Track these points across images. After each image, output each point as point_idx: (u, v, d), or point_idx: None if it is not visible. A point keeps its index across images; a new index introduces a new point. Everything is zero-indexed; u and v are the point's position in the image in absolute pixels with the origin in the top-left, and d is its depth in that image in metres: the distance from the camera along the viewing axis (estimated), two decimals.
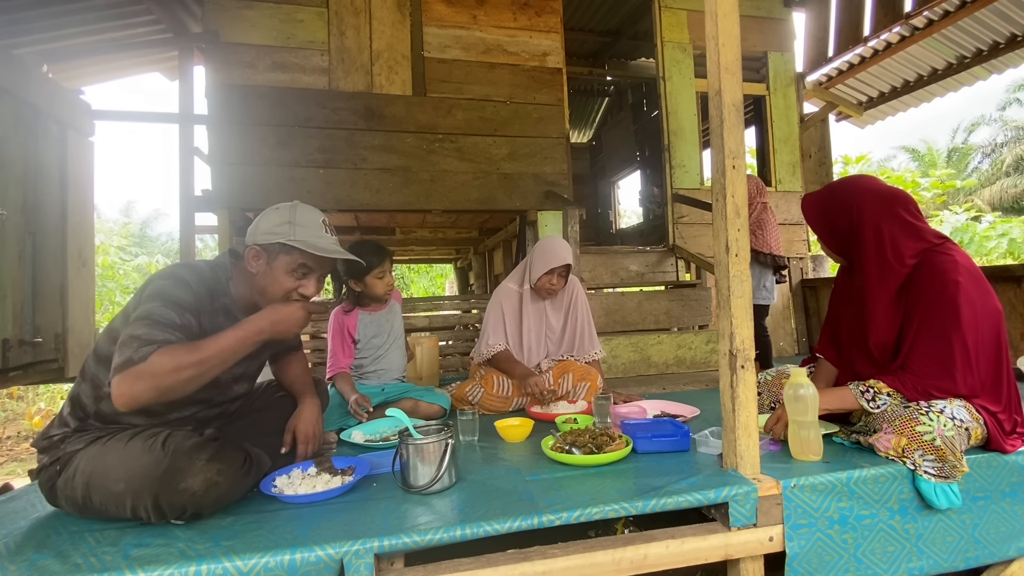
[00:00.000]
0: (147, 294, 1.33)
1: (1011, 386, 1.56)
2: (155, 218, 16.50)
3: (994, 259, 10.41)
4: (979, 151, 18.60)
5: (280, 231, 1.44)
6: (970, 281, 1.51)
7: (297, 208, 1.50)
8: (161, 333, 1.26)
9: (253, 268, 1.46)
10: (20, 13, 3.18)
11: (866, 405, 1.54)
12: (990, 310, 1.53)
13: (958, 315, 1.47)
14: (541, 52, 4.10)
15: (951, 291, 1.49)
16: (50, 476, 1.34)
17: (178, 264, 1.45)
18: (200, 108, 3.56)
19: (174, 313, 1.31)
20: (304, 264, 1.47)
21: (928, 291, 1.53)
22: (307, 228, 1.46)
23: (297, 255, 1.46)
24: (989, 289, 1.56)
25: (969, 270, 1.54)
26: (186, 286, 1.36)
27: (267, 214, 1.49)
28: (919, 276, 1.57)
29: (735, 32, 1.42)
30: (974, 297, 1.50)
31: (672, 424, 1.83)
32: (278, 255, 1.45)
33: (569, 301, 2.56)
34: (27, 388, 6.39)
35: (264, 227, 1.46)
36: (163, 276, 1.38)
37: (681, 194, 4.70)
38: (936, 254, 1.57)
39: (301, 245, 1.44)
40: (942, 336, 1.49)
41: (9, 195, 2.66)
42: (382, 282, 2.31)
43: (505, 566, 1.19)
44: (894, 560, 1.40)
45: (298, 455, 1.61)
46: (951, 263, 1.53)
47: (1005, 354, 1.55)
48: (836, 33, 5.14)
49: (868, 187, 1.67)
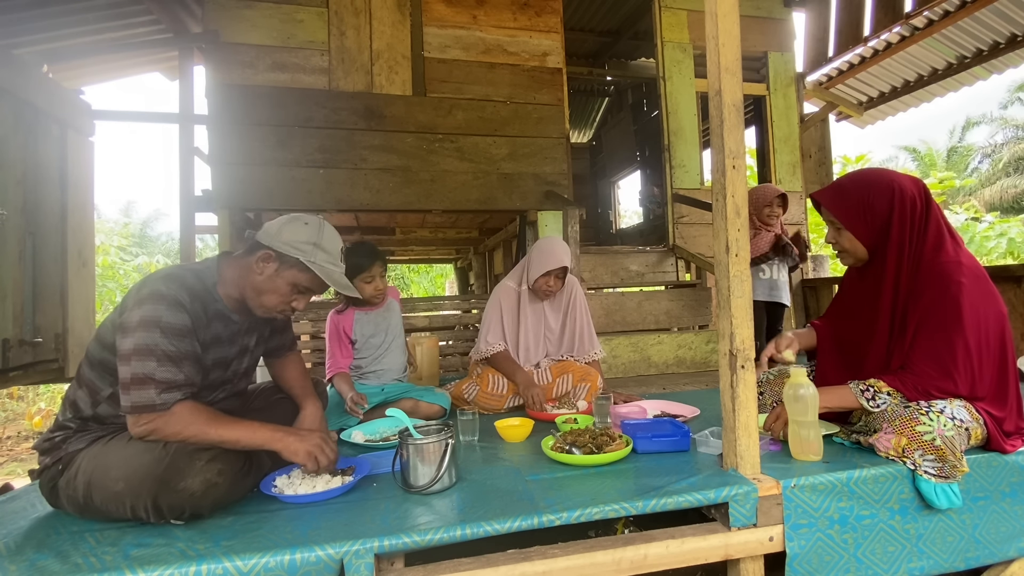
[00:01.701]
0: (143, 319, 1.28)
1: (1016, 391, 1.55)
2: (155, 218, 16.51)
3: (994, 259, 10.41)
4: (979, 151, 18.61)
5: (304, 249, 1.43)
6: (974, 283, 1.50)
7: (324, 229, 1.49)
8: (173, 373, 1.30)
9: (259, 270, 1.45)
10: (20, 13, 3.18)
11: (866, 404, 1.54)
12: (994, 313, 1.51)
13: (960, 316, 1.46)
14: (541, 52, 4.10)
15: (953, 292, 1.48)
16: (52, 476, 1.35)
17: (164, 278, 1.36)
18: (200, 108, 3.56)
19: (178, 344, 1.31)
20: (307, 286, 1.48)
21: (929, 291, 1.52)
22: (329, 255, 1.47)
23: (310, 277, 1.46)
24: (993, 291, 1.54)
25: (974, 272, 1.52)
26: (180, 308, 1.33)
27: (294, 225, 1.46)
28: (921, 276, 1.56)
29: (735, 32, 1.42)
30: (977, 299, 1.48)
31: (672, 424, 1.83)
32: (291, 269, 1.44)
33: (568, 301, 2.55)
34: (27, 388, 6.39)
35: (288, 237, 1.44)
36: (154, 298, 1.31)
37: (681, 194, 4.70)
38: (942, 254, 1.55)
39: (318, 271, 1.44)
40: (943, 337, 1.48)
41: (9, 195, 2.66)
42: (369, 286, 2.27)
43: (505, 566, 1.19)
44: (895, 560, 1.40)
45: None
46: (955, 264, 1.51)
47: (1011, 358, 1.54)
48: (836, 33, 5.13)
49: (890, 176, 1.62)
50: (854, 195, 1.62)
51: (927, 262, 1.56)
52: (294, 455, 1.42)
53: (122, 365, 1.28)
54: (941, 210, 1.61)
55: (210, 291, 1.44)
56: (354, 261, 2.24)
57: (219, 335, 1.46)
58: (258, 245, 1.46)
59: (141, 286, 1.36)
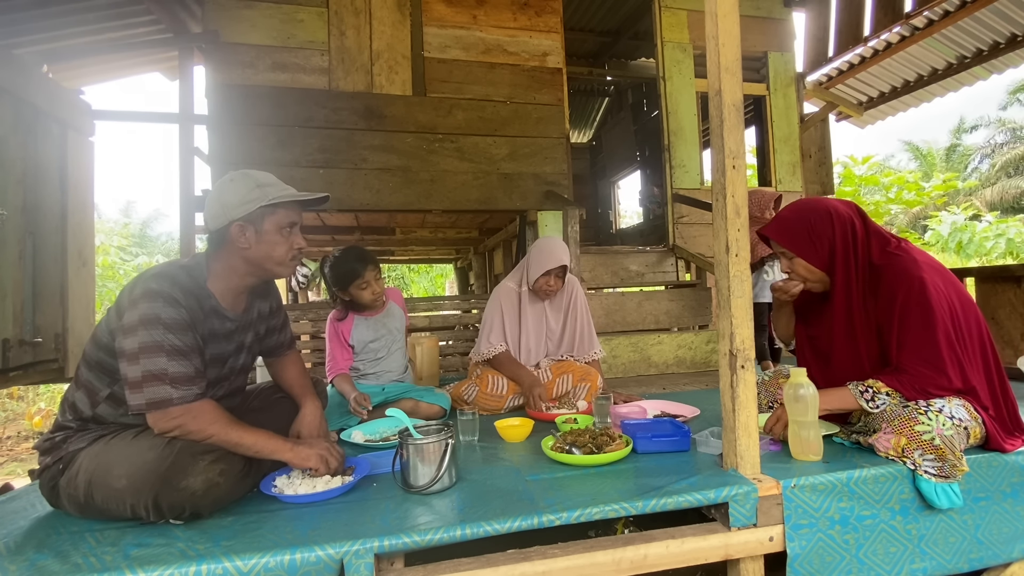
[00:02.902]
0: (143, 317, 1.28)
1: (1002, 380, 1.58)
2: (155, 218, 16.54)
3: (993, 259, 10.41)
4: (978, 151, 18.63)
5: (254, 196, 1.42)
6: (933, 275, 1.54)
7: (250, 173, 1.47)
8: (185, 366, 1.31)
9: (243, 243, 1.43)
10: (20, 13, 3.19)
11: (865, 405, 1.54)
12: (961, 302, 1.56)
13: (931, 309, 1.49)
14: (541, 52, 4.10)
15: (918, 287, 1.51)
16: (52, 475, 1.34)
17: (155, 276, 1.35)
18: (200, 108, 3.56)
19: (183, 339, 1.32)
20: (290, 219, 1.47)
21: (898, 293, 1.55)
22: (273, 186, 1.46)
23: (281, 212, 1.45)
24: (953, 279, 1.61)
25: (931, 265, 1.58)
26: (176, 305, 1.33)
27: (227, 189, 1.43)
28: (885, 280, 1.59)
29: (735, 32, 1.42)
30: (940, 289, 1.53)
31: (672, 424, 1.83)
32: (263, 219, 1.43)
33: (568, 301, 2.55)
34: (27, 388, 6.39)
35: (234, 200, 1.41)
36: (149, 296, 1.30)
37: (681, 194, 4.71)
38: (895, 256, 1.60)
39: (283, 200, 1.43)
40: (924, 333, 1.50)
41: (9, 195, 2.66)
42: (366, 292, 2.24)
43: (505, 566, 1.19)
44: (896, 561, 1.40)
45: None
46: (911, 262, 1.56)
47: (990, 347, 1.58)
48: (836, 33, 5.14)
49: (826, 202, 1.72)
50: (797, 224, 1.71)
51: (885, 265, 1.60)
52: (306, 461, 1.44)
53: (130, 365, 1.28)
54: (875, 223, 1.70)
55: (202, 287, 1.43)
56: (345, 268, 2.20)
57: (215, 331, 1.46)
58: (220, 230, 1.44)
59: (133, 286, 1.35)
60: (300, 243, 1.51)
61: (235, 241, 1.43)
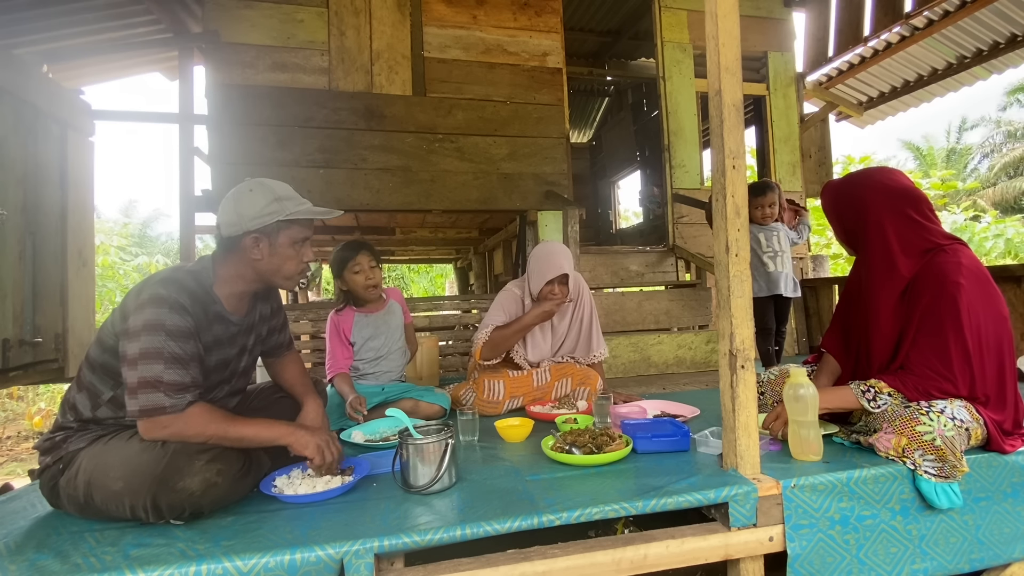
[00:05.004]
0: (147, 322, 1.28)
1: (1016, 394, 1.55)
2: (155, 218, 16.52)
3: (993, 259, 10.41)
4: (978, 151, 18.63)
5: (272, 210, 1.42)
6: (973, 284, 1.49)
7: (269, 185, 1.47)
8: (181, 375, 1.31)
9: (256, 255, 1.44)
10: (20, 13, 3.18)
11: (867, 405, 1.54)
12: (993, 315, 1.51)
13: (958, 317, 1.46)
14: (541, 52, 4.10)
15: (951, 292, 1.47)
16: (53, 475, 1.35)
17: (163, 282, 1.35)
18: (200, 108, 3.56)
19: (183, 346, 1.32)
20: (304, 234, 1.49)
21: (928, 292, 1.52)
22: (291, 200, 1.46)
23: (296, 227, 1.46)
24: (994, 293, 1.54)
25: (974, 272, 1.52)
26: (183, 311, 1.33)
27: (245, 199, 1.43)
28: (921, 277, 1.56)
29: (735, 32, 1.42)
30: (975, 300, 1.48)
31: (672, 424, 1.83)
32: (279, 233, 1.44)
33: (575, 303, 2.52)
34: (27, 388, 6.39)
35: (251, 212, 1.41)
36: (156, 302, 1.30)
37: (681, 194, 4.70)
38: (941, 255, 1.55)
39: (298, 216, 1.44)
40: (941, 337, 1.48)
41: (9, 195, 2.66)
42: (359, 276, 2.27)
43: (505, 566, 1.19)
44: (897, 561, 1.39)
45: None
46: (954, 265, 1.51)
47: (1009, 362, 1.53)
48: (836, 33, 5.14)
49: (879, 182, 1.64)
50: (828, 204, 1.78)
51: (926, 262, 1.56)
52: (304, 447, 1.42)
53: (128, 369, 1.28)
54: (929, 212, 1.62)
55: (208, 292, 1.43)
56: (341, 255, 2.26)
57: (219, 337, 1.46)
58: (234, 238, 1.43)
59: (140, 290, 1.35)
60: (309, 256, 1.52)
61: (248, 252, 1.44)
